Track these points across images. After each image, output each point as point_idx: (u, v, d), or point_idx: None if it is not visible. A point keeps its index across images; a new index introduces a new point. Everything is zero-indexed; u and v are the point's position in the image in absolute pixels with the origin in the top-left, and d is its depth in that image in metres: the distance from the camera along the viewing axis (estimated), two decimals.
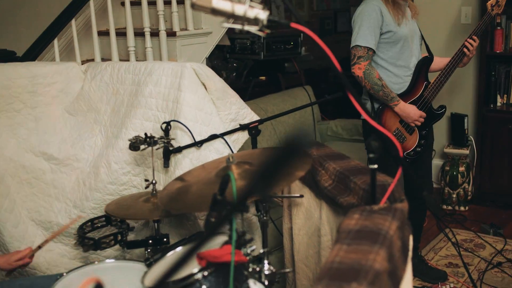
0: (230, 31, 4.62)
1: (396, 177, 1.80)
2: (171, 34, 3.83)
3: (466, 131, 4.67)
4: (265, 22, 1.56)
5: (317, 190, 2.22)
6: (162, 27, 3.78)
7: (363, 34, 3.13)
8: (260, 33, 1.61)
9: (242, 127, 2.54)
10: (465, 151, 4.59)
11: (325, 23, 7.22)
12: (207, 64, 4.25)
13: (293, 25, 1.63)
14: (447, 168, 4.60)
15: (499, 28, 4.51)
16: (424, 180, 3.49)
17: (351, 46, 3.19)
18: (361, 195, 1.91)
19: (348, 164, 2.14)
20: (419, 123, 3.26)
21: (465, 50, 3.31)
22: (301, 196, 2.22)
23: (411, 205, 3.26)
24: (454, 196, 4.56)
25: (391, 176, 1.86)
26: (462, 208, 4.56)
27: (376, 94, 3.16)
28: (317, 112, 4.49)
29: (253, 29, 1.57)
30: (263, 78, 5.26)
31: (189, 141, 2.52)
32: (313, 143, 2.18)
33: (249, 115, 2.71)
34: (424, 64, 3.33)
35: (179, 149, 2.48)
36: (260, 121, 2.56)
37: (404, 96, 3.26)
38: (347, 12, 7.64)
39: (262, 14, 1.54)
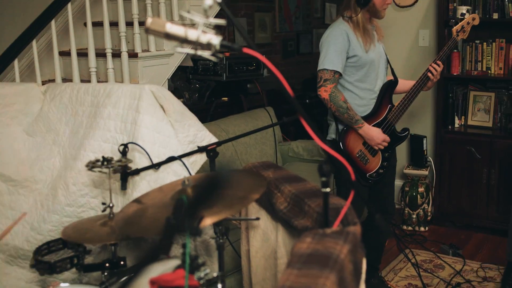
0: None
1: (348, 200, 1.83)
2: (133, 55, 3.83)
3: (425, 152, 4.75)
4: (218, 47, 1.58)
5: (273, 212, 2.23)
6: (124, 48, 3.78)
7: (330, 58, 3.19)
8: (213, 58, 1.62)
9: (200, 149, 2.55)
10: (425, 172, 4.67)
11: (288, 44, 7.30)
12: (169, 85, 4.25)
13: (246, 50, 1.65)
14: (407, 189, 4.67)
15: (456, 51, 4.63)
16: (386, 201, 3.54)
17: (318, 69, 3.24)
18: (315, 218, 1.94)
19: (304, 186, 2.16)
20: (382, 147, 3.32)
21: (429, 74, 3.38)
22: (257, 218, 2.24)
23: (372, 226, 3.30)
24: (414, 216, 4.63)
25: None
26: (422, 229, 4.63)
27: (341, 116, 3.21)
28: (278, 133, 4.52)
29: (206, 54, 1.58)
30: (225, 99, 5.27)
31: (147, 163, 2.52)
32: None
33: (207, 137, 2.72)
34: (388, 87, 3.39)
35: (137, 171, 2.48)
36: (218, 143, 2.57)
37: (369, 118, 3.31)
38: (309, 34, 7.74)
39: (215, 39, 1.56)
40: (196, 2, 4.13)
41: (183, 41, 1.56)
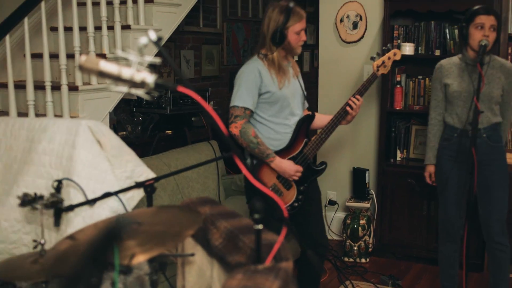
0: None
1: (281, 236, 1.86)
2: (73, 88, 3.80)
3: (368, 185, 4.85)
4: (152, 86, 1.60)
5: (209, 248, 2.24)
6: (64, 81, 3.75)
7: (241, 95, 3.26)
8: (147, 97, 1.65)
9: (138, 185, 2.55)
10: (366, 205, 4.76)
11: (235, 77, 7.35)
12: (112, 118, 4.24)
13: (180, 89, 1.68)
14: (349, 221, 4.75)
15: (398, 86, 4.76)
16: (316, 234, 3.56)
17: (229, 106, 3.31)
18: (249, 254, 1.96)
19: (239, 222, 2.18)
20: (296, 178, 3.37)
21: (348, 108, 3.47)
22: (192, 254, 2.24)
23: (307, 262, 3.34)
24: (356, 248, 4.70)
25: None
26: (363, 260, 4.70)
27: (253, 151, 3.27)
28: (222, 167, 4.54)
29: (140, 92, 1.61)
30: (169, 132, 5.28)
31: (82, 199, 2.50)
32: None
33: (145, 173, 2.72)
34: (305, 122, 3.46)
35: (71, 208, 2.45)
36: (156, 179, 2.57)
37: (283, 152, 3.37)
38: None
39: (149, 78, 1.58)
40: (140, 34, 4.16)
41: (117, 79, 1.57)
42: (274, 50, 3.28)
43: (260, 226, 1.78)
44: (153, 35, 1.60)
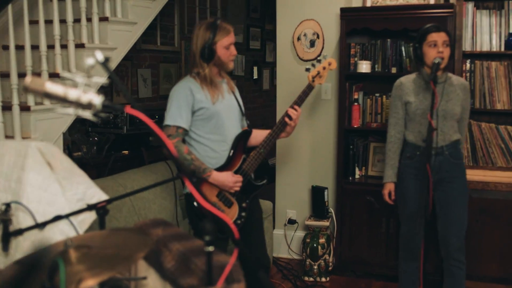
0: None
1: (232, 257, 1.87)
2: (25, 108, 3.76)
3: (327, 203, 4.89)
4: (99, 107, 1.60)
5: (162, 271, 2.24)
6: (16, 101, 3.70)
7: (172, 114, 3.28)
8: (93, 118, 1.64)
9: (89, 207, 2.53)
10: (326, 223, 4.79)
11: None
12: (66, 139, 4.20)
13: (128, 110, 1.68)
14: (308, 240, 4.77)
15: (356, 104, 4.83)
16: (259, 254, 3.57)
17: (163, 125, 3.33)
18: (201, 277, 1.96)
19: (192, 244, 2.19)
20: (237, 188, 3.38)
21: (287, 119, 3.49)
22: (145, 278, 2.23)
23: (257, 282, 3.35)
24: (316, 267, 4.72)
25: None
26: (323, 279, 4.72)
27: (188, 168, 3.28)
28: (179, 187, 4.53)
29: (87, 114, 1.60)
30: (126, 152, 5.25)
31: (32, 222, 2.46)
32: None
33: (97, 194, 2.70)
34: (242, 138, 3.49)
35: (20, 232, 2.42)
36: (109, 201, 2.55)
37: (222, 170, 3.38)
38: None
39: (96, 99, 1.58)
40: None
41: (63, 100, 1.57)
42: (206, 67, 3.33)
43: (211, 248, 1.78)
44: (99, 56, 1.60)
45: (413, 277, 3.85)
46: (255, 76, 8.95)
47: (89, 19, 4.18)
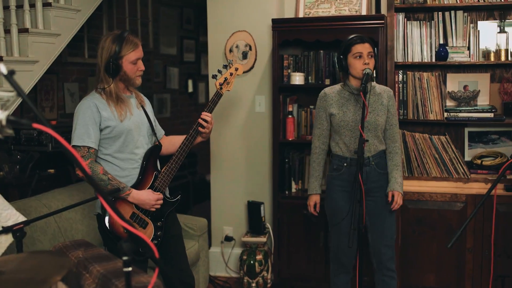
0: None
1: (153, 277, 1.84)
2: None
3: (263, 218, 4.89)
4: (4, 123, 1.56)
5: None
6: None
7: (79, 134, 3.16)
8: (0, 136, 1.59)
9: (5, 230, 2.46)
10: (263, 239, 4.79)
11: None
12: None
13: (35, 125, 1.64)
14: (245, 257, 4.76)
15: (290, 116, 4.87)
16: (182, 274, 3.51)
17: (71, 145, 3.16)
18: None
19: (113, 266, 2.15)
20: (158, 206, 3.31)
21: (200, 128, 3.47)
22: None
23: None
24: (254, 285, 4.71)
25: None
26: None
27: (106, 189, 3.14)
28: None
29: None
30: (51, 171, 5.13)
31: None
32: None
33: (13, 216, 2.63)
34: (152, 154, 3.41)
35: None
36: (26, 222, 2.49)
37: (134, 189, 3.28)
38: (149, 98, 7.78)
39: (0, 115, 1.54)
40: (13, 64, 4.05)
41: None
42: (111, 82, 3.22)
43: (129, 269, 1.75)
44: (3, 69, 1.56)
45: None
46: (190, 90, 8.92)
47: (7, 31, 4.08)
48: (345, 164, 3.76)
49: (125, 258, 1.74)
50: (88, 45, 6.57)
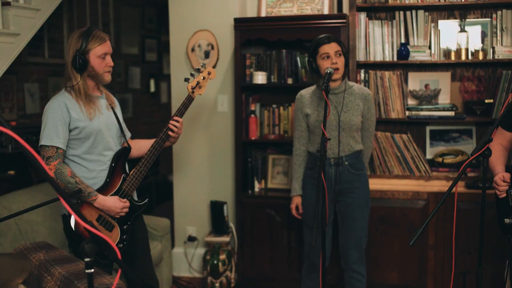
0: None
1: (116, 278, 1.85)
2: None
3: (226, 218, 4.91)
4: None
5: None
6: None
7: (48, 133, 3.12)
8: None
9: None
10: (226, 239, 4.81)
11: None
12: None
13: None
14: (208, 257, 4.77)
15: (253, 115, 4.89)
16: (147, 277, 3.51)
17: (39, 145, 3.17)
18: None
19: (75, 268, 2.15)
20: (123, 214, 3.29)
21: (170, 132, 3.48)
22: None
23: None
24: (217, 285, 4.73)
25: None
26: None
27: (68, 191, 3.09)
28: None
29: None
30: (11, 172, 5.07)
31: None
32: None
33: None
34: (120, 156, 3.39)
35: None
36: None
37: (101, 191, 3.25)
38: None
39: None
40: None
41: None
42: (79, 79, 3.20)
43: (91, 270, 1.76)
44: None
45: None
46: (152, 89, 8.88)
47: None
48: (318, 163, 3.79)
49: (87, 259, 1.75)
50: (48, 45, 6.49)
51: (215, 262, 4.72)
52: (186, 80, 3.68)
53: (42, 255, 2.24)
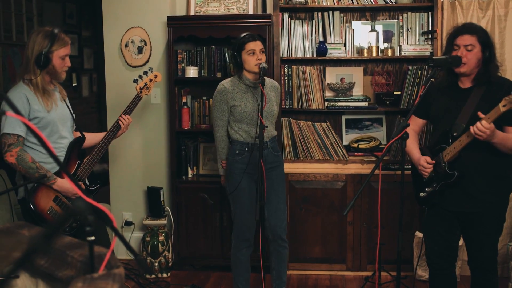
0: None
1: (111, 247, 2.04)
2: None
3: (163, 202, 5.10)
4: None
5: (32, 269, 2.32)
6: None
7: (10, 122, 3.34)
8: None
9: None
10: (163, 221, 5.00)
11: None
12: None
13: None
14: (148, 239, 4.95)
15: (185, 107, 5.10)
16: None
17: (0, 133, 3.38)
18: (79, 267, 2.10)
19: (62, 240, 2.30)
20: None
21: (121, 123, 3.85)
22: (17, 276, 2.30)
23: None
24: (156, 264, 4.92)
25: None
26: (164, 275, 4.94)
27: (33, 176, 3.37)
28: (14, 197, 4.47)
29: None
30: None
31: None
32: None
33: None
34: (76, 144, 3.68)
35: None
36: None
37: (59, 175, 3.50)
38: None
39: None
40: None
41: None
42: (38, 74, 3.43)
43: (92, 238, 1.94)
44: None
45: (248, 264, 4.20)
46: (74, 83, 8.86)
47: None
48: (246, 149, 4.04)
49: (88, 228, 1.93)
50: None
51: (155, 243, 4.91)
52: (135, 81, 4.01)
53: (26, 232, 2.38)
